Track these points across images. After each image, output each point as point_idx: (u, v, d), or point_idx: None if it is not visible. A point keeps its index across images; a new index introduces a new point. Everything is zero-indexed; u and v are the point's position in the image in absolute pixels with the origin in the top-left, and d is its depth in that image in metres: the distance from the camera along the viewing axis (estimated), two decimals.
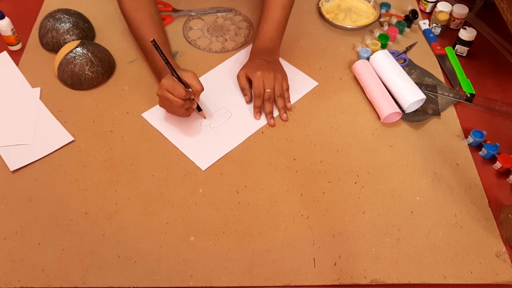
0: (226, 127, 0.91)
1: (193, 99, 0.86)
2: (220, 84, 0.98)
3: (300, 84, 0.99)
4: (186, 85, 0.85)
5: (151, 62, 0.95)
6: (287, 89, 0.95)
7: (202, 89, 0.85)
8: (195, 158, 0.85)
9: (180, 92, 0.81)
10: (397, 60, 1.01)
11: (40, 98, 0.94)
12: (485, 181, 0.85)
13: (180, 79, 0.84)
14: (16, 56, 1.02)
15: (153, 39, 0.80)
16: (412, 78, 0.98)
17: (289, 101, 0.95)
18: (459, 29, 1.06)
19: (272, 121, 0.91)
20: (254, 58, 0.97)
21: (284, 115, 0.93)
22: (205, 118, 0.92)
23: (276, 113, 0.93)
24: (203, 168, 0.84)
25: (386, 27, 1.11)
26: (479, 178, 0.86)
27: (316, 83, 0.99)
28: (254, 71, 0.93)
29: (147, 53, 0.95)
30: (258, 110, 0.93)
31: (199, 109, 0.90)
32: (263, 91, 0.92)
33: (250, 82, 0.95)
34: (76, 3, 1.12)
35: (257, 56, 0.97)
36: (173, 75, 0.83)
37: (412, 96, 0.92)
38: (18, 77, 0.97)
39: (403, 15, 1.13)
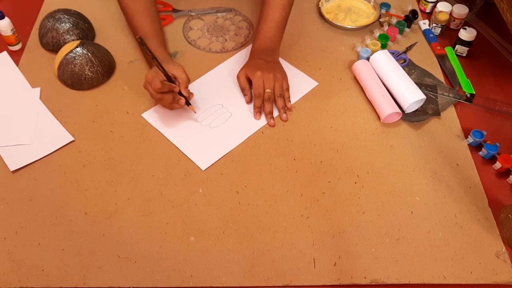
0: (226, 127, 0.91)
1: (182, 94, 0.87)
2: (220, 84, 0.98)
3: (300, 84, 0.99)
4: (173, 78, 0.87)
5: (144, 52, 0.96)
6: (287, 89, 0.95)
7: (188, 80, 0.89)
8: (195, 158, 0.85)
9: (156, 85, 0.83)
10: (397, 60, 1.01)
11: (40, 98, 0.94)
12: (485, 181, 0.85)
13: (166, 73, 0.85)
14: (16, 56, 1.02)
15: (139, 37, 0.80)
16: (412, 78, 0.98)
17: (289, 101, 0.95)
18: (459, 29, 1.06)
19: (272, 121, 0.91)
20: (254, 58, 0.97)
21: (284, 115, 0.93)
22: (195, 112, 0.92)
23: (276, 113, 0.93)
24: (203, 168, 0.84)
25: (386, 27, 1.11)
26: (479, 178, 0.86)
27: (316, 83, 0.99)
28: (254, 71, 0.93)
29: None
30: (258, 110, 0.92)
31: (187, 103, 0.89)
32: (263, 91, 0.92)
33: (250, 82, 0.95)
34: (76, 3, 1.12)
35: (257, 56, 0.97)
36: (159, 68, 0.84)
37: (412, 96, 0.92)
38: (18, 77, 0.97)
39: (403, 15, 1.13)
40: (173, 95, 0.86)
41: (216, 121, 0.92)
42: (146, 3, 0.96)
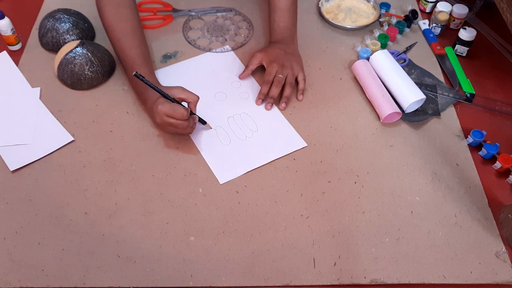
0: (256, 141, 0.88)
1: (193, 114, 0.83)
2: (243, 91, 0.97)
3: (286, 141, 0.89)
4: (181, 101, 0.81)
5: (132, 80, 0.90)
6: (304, 79, 0.96)
7: (198, 98, 0.82)
8: (216, 170, 0.84)
9: (182, 113, 0.78)
10: (397, 60, 1.01)
11: (40, 98, 0.94)
12: (485, 181, 0.85)
13: (175, 100, 0.80)
14: (16, 56, 1.02)
15: (136, 72, 0.76)
16: (412, 78, 0.98)
17: (302, 94, 0.95)
18: (459, 29, 1.06)
19: (269, 105, 0.92)
20: (273, 48, 0.97)
21: (283, 104, 0.93)
22: (211, 128, 0.88)
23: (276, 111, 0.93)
24: (221, 182, 0.82)
25: (386, 27, 1.11)
26: (479, 178, 0.86)
27: (305, 144, 0.89)
28: (271, 60, 0.94)
29: (127, 68, 0.89)
30: (261, 97, 0.93)
31: (203, 122, 0.87)
32: (272, 79, 0.93)
33: (260, 66, 0.97)
34: (76, 3, 1.12)
35: (276, 47, 0.97)
36: (165, 96, 0.80)
37: (412, 96, 0.92)
38: (18, 77, 0.97)
39: (403, 15, 1.13)
40: (191, 119, 0.82)
41: (244, 132, 0.89)
42: (133, 24, 0.90)
